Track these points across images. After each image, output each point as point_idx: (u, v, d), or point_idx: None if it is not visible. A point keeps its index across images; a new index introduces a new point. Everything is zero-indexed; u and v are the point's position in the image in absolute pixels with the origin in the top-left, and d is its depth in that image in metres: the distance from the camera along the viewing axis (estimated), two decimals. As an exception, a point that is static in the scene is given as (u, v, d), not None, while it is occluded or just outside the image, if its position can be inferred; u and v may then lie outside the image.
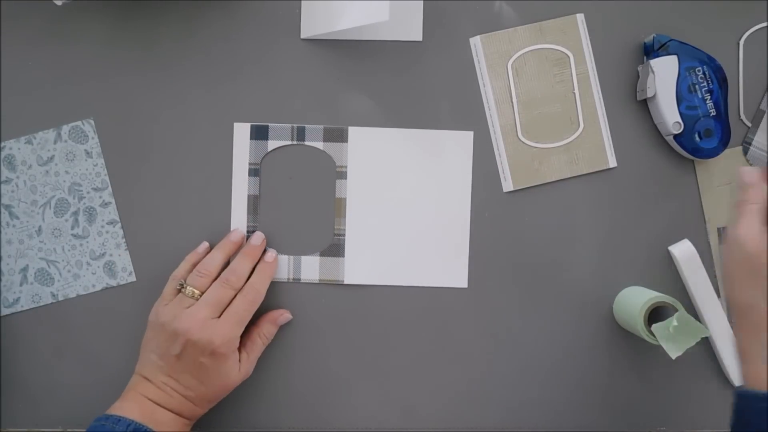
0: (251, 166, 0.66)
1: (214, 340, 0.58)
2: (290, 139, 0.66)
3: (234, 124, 0.66)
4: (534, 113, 0.65)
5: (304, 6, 0.66)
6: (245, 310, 0.61)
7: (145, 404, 0.58)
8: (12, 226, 0.67)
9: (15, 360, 0.67)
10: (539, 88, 0.66)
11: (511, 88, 0.65)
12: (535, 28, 0.65)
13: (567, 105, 0.66)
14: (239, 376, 0.61)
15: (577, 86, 0.66)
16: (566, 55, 0.65)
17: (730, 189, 0.67)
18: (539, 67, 0.65)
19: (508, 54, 0.65)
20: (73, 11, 0.66)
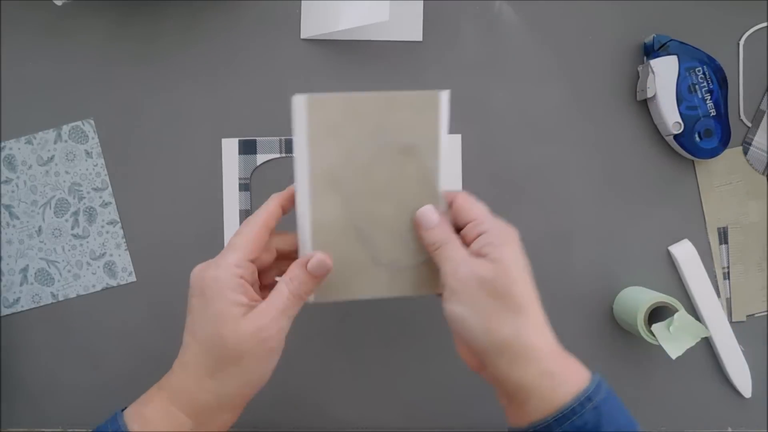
0: (241, 181, 0.66)
1: (205, 273, 0.47)
2: (278, 151, 0.66)
3: (222, 140, 0.66)
4: (361, 211, 0.51)
5: (304, 6, 0.66)
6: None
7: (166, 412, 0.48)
8: (12, 226, 0.67)
9: (15, 360, 0.67)
10: (374, 180, 0.51)
11: (335, 173, 0.50)
12: (383, 100, 0.50)
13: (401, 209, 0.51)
14: (239, 327, 0.46)
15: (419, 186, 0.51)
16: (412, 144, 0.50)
17: (730, 189, 0.67)
18: (378, 152, 0.50)
19: (340, 129, 0.50)
20: (73, 11, 0.66)
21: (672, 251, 0.66)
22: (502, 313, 0.46)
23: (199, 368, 0.47)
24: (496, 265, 0.46)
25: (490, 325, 0.46)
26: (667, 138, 0.65)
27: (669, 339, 0.59)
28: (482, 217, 0.49)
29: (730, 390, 0.67)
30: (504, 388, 0.47)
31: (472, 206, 0.49)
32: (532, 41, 0.67)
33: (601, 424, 0.45)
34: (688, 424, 0.67)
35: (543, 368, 0.45)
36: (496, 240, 0.47)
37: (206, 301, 0.46)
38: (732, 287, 0.67)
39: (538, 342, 0.46)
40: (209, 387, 0.47)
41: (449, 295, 0.47)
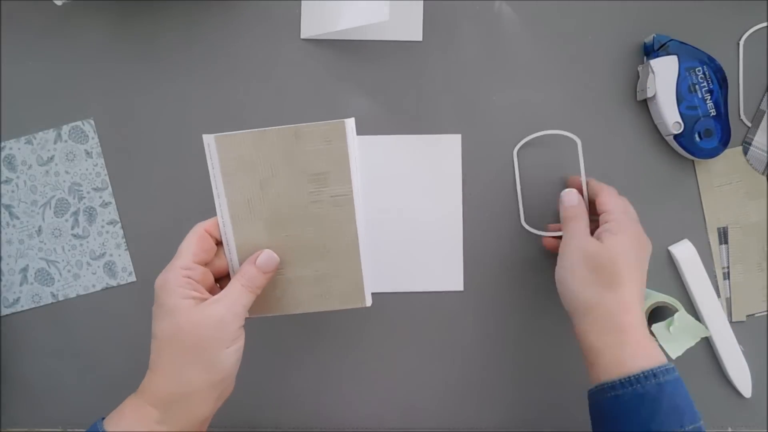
0: None
1: (157, 279, 0.51)
2: None
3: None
4: (281, 236, 0.54)
5: (304, 6, 0.66)
6: None
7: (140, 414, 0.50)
8: (12, 226, 0.67)
9: (15, 360, 0.67)
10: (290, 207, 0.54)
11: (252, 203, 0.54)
12: (290, 132, 0.52)
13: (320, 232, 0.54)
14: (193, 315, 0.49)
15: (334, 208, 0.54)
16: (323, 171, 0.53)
17: (730, 189, 0.67)
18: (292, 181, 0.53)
19: (251, 163, 0.53)
20: (73, 11, 0.66)
21: (672, 251, 0.66)
22: (594, 283, 0.54)
23: (163, 363, 0.49)
24: (603, 246, 0.55)
25: (582, 289, 0.55)
26: (667, 138, 0.65)
27: (669, 339, 0.59)
28: (612, 209, 0.57)
29: (730, 390, 0.67)
30: (582, 346, 0.55)
31: (610, 200, 0.58)
32: (532, 41, 0.67)
33: (660, 399, 0.49)
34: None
35: (616, 338, 0.52)
36: (614, 229, 0.55)
37: (160, 302, 0.50)
38: (732, 287, 0.67)
39: (619, 316, 0.53)
40: (173, 377, 0.49)
41: (560, 260, 0.57)
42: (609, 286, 0.53)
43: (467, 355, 0.67)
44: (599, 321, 0.53)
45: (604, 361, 0.52)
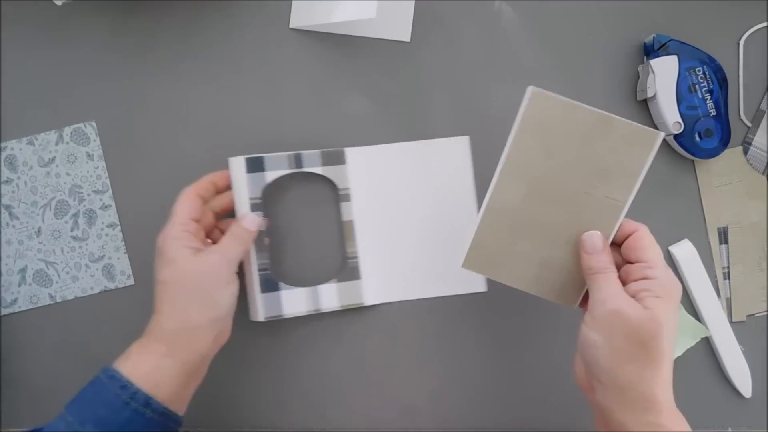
0: (252, 201, 0.62)
1: (159, 238, 0.57)
2: (288, 167, 0.63)
3: (229, 159, 0.63)
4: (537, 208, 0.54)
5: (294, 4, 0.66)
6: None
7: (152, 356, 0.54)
8: (12, 227, 0.67)
9: (15, 360, 0.67)
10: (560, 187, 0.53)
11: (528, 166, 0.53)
12: (601, 119, 0.50)
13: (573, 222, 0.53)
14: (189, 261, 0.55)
15: None
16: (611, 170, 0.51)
17: (730, 189, 0.67)
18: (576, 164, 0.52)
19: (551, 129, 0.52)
20: (73, 11, 0.66)
21: (672, 251, 0.66)
22: (635, 360, 0.47)
23: (165, 304, 0.55)
24: (648, 314, 0.47)
25: (620, 365, 0.48)
26: (667, 138, 0.65)
27: (669, 339, 0.59)
28: (654, 261, 0.50)
29: (730, 390, 0.67)
30: (606, 420, 0.49)
31: (649, 247, 0.50)
32: (532, 41, 0.67)
33: None
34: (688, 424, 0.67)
35: (652, 420, 0.47)
36: (659, 291, 0.48)
37: (162, 252, 0.56)
38: (732, 287, 0.67)
39: (659, 396, 0.47)
40: (176, 315, 0.55)
41: (590, 321, 0.49)
42: (651, 363, 0.47)
43: (467, 355, 0.67)
44: (634, 402, 0.47)
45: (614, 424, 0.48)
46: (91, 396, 0.53)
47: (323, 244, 0.66)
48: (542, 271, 0.54)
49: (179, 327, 0.54)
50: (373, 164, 0.66)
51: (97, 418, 0.51)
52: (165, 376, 0.53)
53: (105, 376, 0.52)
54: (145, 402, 0.51)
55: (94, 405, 0.52)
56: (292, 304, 0.64)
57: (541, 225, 0.53)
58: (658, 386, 0.47)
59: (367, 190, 0.66)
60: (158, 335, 0.54)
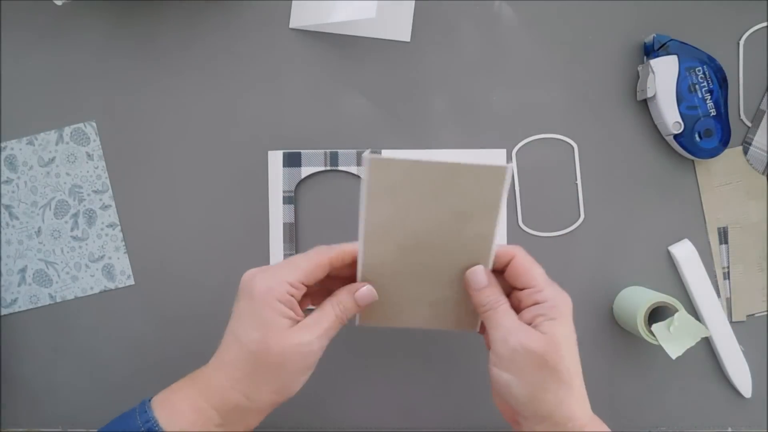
0: (285, 194, 0.66)
1: (258, 279, 0.49)
2: (323, 164, 0.66)
3: (268, 152, 0.66)
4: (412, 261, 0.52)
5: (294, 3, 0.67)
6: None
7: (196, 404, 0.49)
8: (12, 227, 0.67)
9: (14, 360, 0.67)
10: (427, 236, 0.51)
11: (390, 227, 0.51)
12: (447, 168, 0.48)
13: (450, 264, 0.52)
14: (283, 337, 0.48)
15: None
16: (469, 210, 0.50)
17: (730, 189, 0.67)
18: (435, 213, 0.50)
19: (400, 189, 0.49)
20: (73, 11, 0.66)
21: (672, 251, 0.66)
22: (548, 386, 0.47)
23: (237, 370, 0.48)
24: (547, 339, 0.47)
25: (535, 395, 0.48)
26: (667, 138, 0.65)
27: (669, 339, 0.59)
28: (540, 284, 0.50)
29: (730, 390, 0.67)
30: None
31: (530, 270, 0.50)
32: (532, 41, 0.67)
33: None
34: (688, 424, 0.67)
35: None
36: (551, 312, 0.48)
37: (255, 306, 0.48)
38: (732, 287, 0.67)
39: (578, 413, 0.48)
40: (243, 388, 0.48)
41: (496, 360, 0.49)
42: (563, 384, 0.47)
43: (468, 355, 0.67)
44: (558, 425, 0.48)
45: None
46: None
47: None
48: (436, 309, 0.55)
49: (242, 404, 0.49)
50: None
51: None
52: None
53: (144, 427, 0.48)
54: None
55: None
56: None
57: (422, 272, 0.53)
58: (575, 404, 0.48)
59: None
60: (216, 402, 0.49)
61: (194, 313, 0.67)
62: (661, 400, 0.67)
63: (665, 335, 0.59)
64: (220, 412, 0.48)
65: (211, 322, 0.67)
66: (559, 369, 0.47)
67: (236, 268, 0.66)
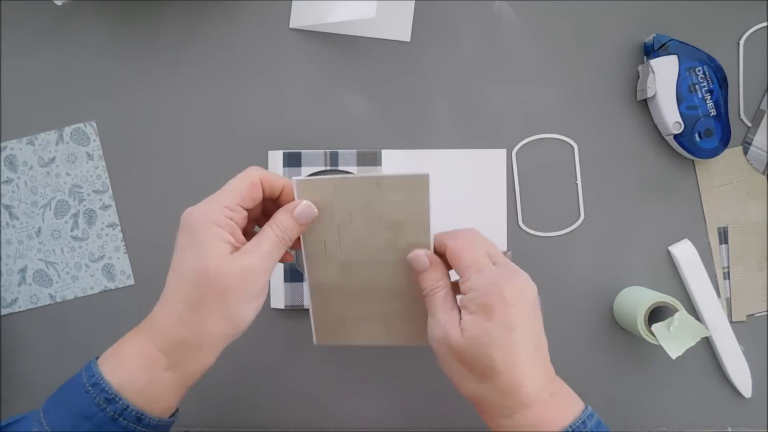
0: None
1: (193, 210, 0.47)
2: (323, 164, 0.66)
3: (268, 152, 0.66)
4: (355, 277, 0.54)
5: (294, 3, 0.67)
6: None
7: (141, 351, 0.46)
8: (12, 227, 0.67)
9: (15, 360, 0.67)
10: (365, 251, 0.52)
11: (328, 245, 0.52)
12: (372, 182, 0.50)
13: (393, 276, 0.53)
14: (223, 261, 0.46)
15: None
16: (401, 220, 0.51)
17: (730, 189, 0.67)
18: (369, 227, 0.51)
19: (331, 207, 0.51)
20: (73, 11, 0.66)
21: (672, 251, 0.66)
22: (471, 378, 0.47)
23: (179, 303, 0.46)
24: (465, 340, 0.46)
25: (461, 382, 0.48)
26: (667, 138, 0.65)
27: (669, 339, 0.59)
28: (466, 272, 0.48)
29: (730, 390, 0.67)
30: None
31: (460, 258, 0.48)
32: (532, 41, 0.67)
33: None
34: (688, 424, 0.67)
35: (510, 421, 0.46)
36: (472, 306, 0.46)
37: (193, 235, 0.46)
38: (732, 287, 0.67)
39: (508, 401, 0.46)
40: (189, 322, 0.46)
41: (432, 342, 0.49)
42: (486, 378, 0.46)
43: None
44: (489, 410, 0.47)
45: None
46: (71, 401, 0.46)
47: None
48: (387, 323, 0.55)
49: (190, 339, 0.46)
50: (407, 168, 0.66)
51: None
52: (163, 390, 0.46)
53: (89, 382, 0.46)
54: (137, 419, 0.45)
55: (76, 415, 0.45)
56: None
57: (367, 287, 0.54)
58: (505, 393, 0.46)
59: None
60: (161, 342, 0.46)
61: (194, 313, 0.67)
62: (661, 400, 0.67)
63: (665, 335, 0.59)
64: (167, 353, 0.46)
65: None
66: (480, 364, 0.46)
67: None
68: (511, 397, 0.46)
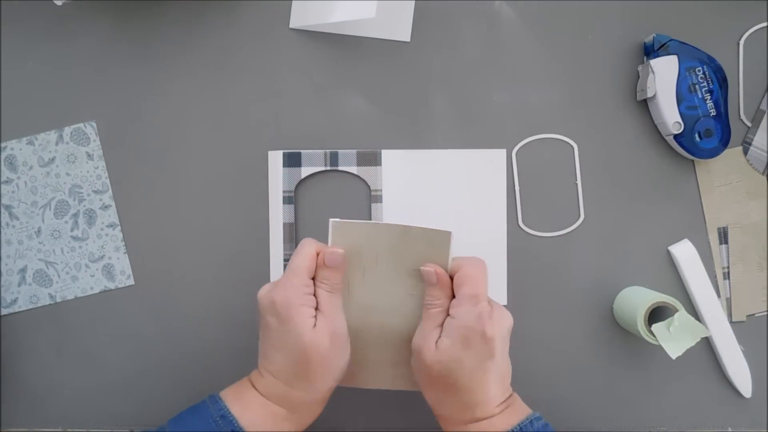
0: (285, 194, 0.66)
1: (275, 295, 0.52)
2: (323, 164, 0.66)
3: (268, 152, 0.66)
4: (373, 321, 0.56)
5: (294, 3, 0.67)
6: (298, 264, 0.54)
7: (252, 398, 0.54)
8: (12, 227, 0.67)
9: (15, 360, 0.67)
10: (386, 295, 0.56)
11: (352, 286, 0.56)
12: (400, 230, 0.54)
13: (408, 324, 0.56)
14: (316, 334, 0.52)
15: None
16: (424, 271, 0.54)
17: (730, 189, 0.67)
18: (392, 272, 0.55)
19: (359, 250, 0.55)
20: (73, 11, 0.66)
21: (672, 251, 0.66)
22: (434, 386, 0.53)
23: (288, 375, 0.52)
24: (437, 355, 0.51)
25: (423, 388, 0.54)
26: (667, 138, 0.65)
27: (669, 339, 0.59)
28: (469, 299, 0.51)
29: (730, 390, 0.67)
30: None
31: (462, 285, 0.52)
32: (532, 41, 0.67)
33: None
34: (688, 424, 0.67)
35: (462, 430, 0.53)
36: (450, 331, 0.51)
37: (282, 319, 0.52)
38: (732, 287, 0.67)
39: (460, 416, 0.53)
40: (300, 387, 0.53)
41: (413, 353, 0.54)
42: (446, 392, 0.52)
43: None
44: (446, 418, 0.54)
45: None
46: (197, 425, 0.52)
47: None
48: (396, 369, 0.58)
49: (304, 397, 0.53)
50: (407, 168, 0.66)
51: None
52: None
53: (217, 414, 0.52)
54: None
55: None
56: None
57: (381, 332, 0.56)
58: (465, 409, 0.52)
59: (399, 194, 0.66)
60: (281, 400, 0.53)
61: (194, 312, 0.67)
62: (661, 400, 0.67)
63: (665, 335, 0.59)
64: (286, 407, 0.53)
65: (211, 322, 0.67)
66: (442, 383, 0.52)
67: (236, 268, 0.67)
68: (468, 412, 0.52)
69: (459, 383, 0.51)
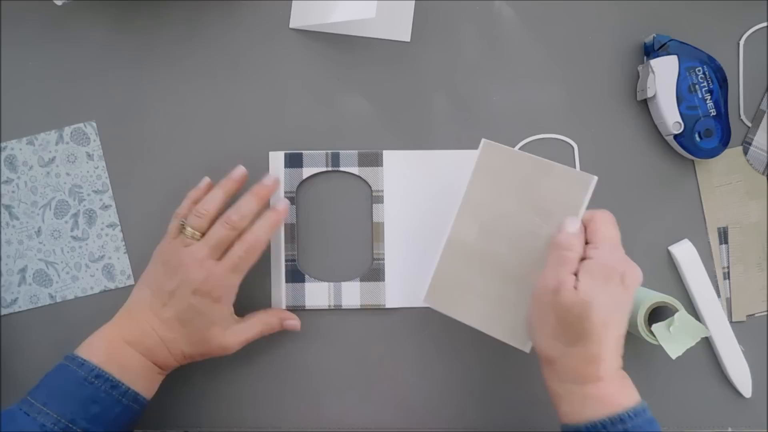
0: (286, 195, 0.66)
1: (209, 280, 0.56)
2: (325, 165, 0.66)
3: (269, 153, 0.66)
4: (488, 247, 0.58)
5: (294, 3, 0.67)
6: (241, 258, 0.57)
7: (114, 344, 0.56)
8: (12, 227, 0.67)
9: (15, 360, 0.67)
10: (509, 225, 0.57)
11: (480, 207, 0.58)
12: (543, 165, 0.56)
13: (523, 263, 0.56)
14: (224, 336, 0.59)
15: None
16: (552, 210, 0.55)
17: (730, 189, 0.67)
18: (522, 204, 0.57)
19: (499, 174, 0.57)
20: (73, 11, 0.66)
21: (672, 251, 0.66)
22: (559, 338, 0.51)
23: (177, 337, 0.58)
24: (576, 297, 0.49)
25: (542, 337, 0.52)
26: (667, 138, 0.65)
27: (669, 339, 0.59)
28: (599, 242, 0.52)
29: (730, 390, 0.67)
30: (545, 384, 0.54)
31: (599, 229, 0.52)
32: (532, 41, 0.67)
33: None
34: (688, 424, 0.67)
35: (578, 389, 0.51)
36: (594, 271, 0.50)
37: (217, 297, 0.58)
38: (732, 287, 0.67)
39: (584, 369, 0.51)
40: (180, 350, 0.58)
41: (533, 297, 0.53)
42: (575, 342, 0.50)
43: (469, 355, 0.67)
44: (560, 372, 0.52)
45: (564, 409, 0.52)
46: (73, 391, 0.54)
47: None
48: (495, 308, 0.57)
49: (175, 338, 0.58)
50: (409, 169, 0.66)
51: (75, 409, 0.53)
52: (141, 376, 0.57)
53: (90, 375, 0.54)
54: (134, 398, 0.56)
55: (84, 400, 0.53)
56: (314, 297, 0.66)
57: (493, 262, 0.57)
58: (585, 361, 0.50)
59: (401, 194, 0.66)
60: (136, 345, 0.57)
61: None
62: (660, 400, 0.67)
63: (665, 335, 0.59)
64: (142, 352, 0.57)
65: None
66: (577, 326, 0.50)
67: (236, 268, 0.67)
68: (590, 367, 0.50)
69: (591, 328, 0.49)
